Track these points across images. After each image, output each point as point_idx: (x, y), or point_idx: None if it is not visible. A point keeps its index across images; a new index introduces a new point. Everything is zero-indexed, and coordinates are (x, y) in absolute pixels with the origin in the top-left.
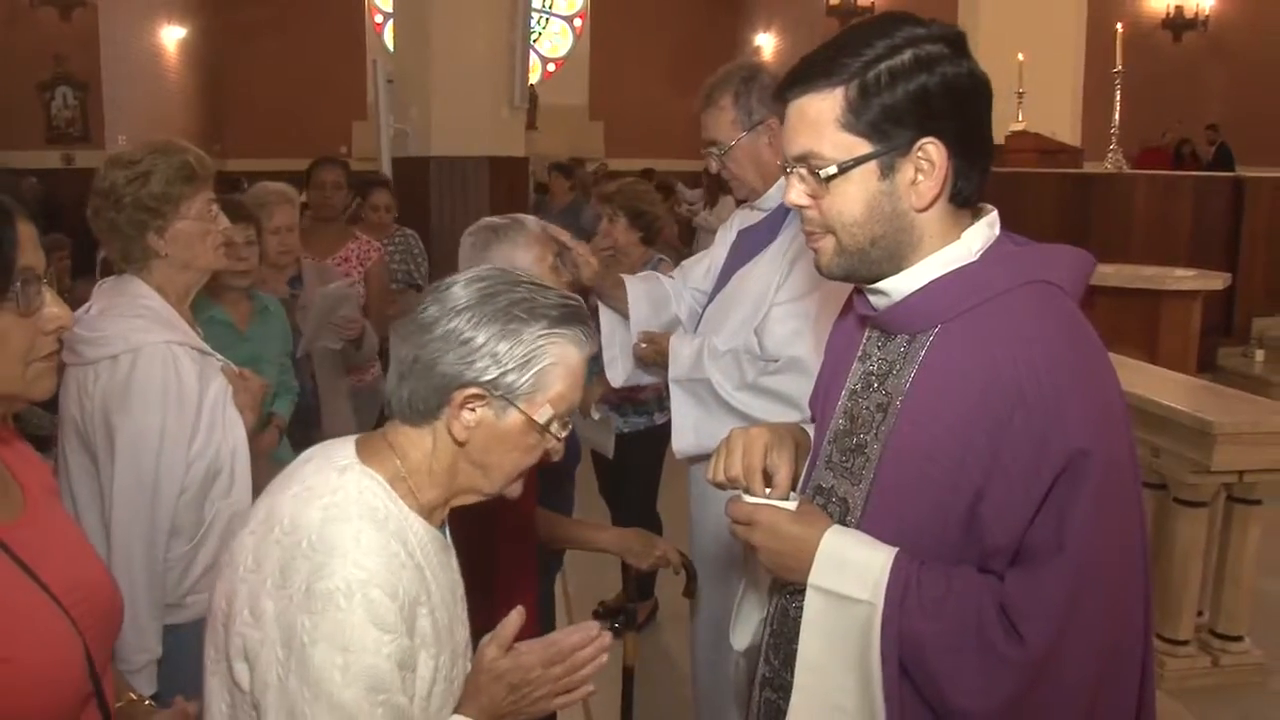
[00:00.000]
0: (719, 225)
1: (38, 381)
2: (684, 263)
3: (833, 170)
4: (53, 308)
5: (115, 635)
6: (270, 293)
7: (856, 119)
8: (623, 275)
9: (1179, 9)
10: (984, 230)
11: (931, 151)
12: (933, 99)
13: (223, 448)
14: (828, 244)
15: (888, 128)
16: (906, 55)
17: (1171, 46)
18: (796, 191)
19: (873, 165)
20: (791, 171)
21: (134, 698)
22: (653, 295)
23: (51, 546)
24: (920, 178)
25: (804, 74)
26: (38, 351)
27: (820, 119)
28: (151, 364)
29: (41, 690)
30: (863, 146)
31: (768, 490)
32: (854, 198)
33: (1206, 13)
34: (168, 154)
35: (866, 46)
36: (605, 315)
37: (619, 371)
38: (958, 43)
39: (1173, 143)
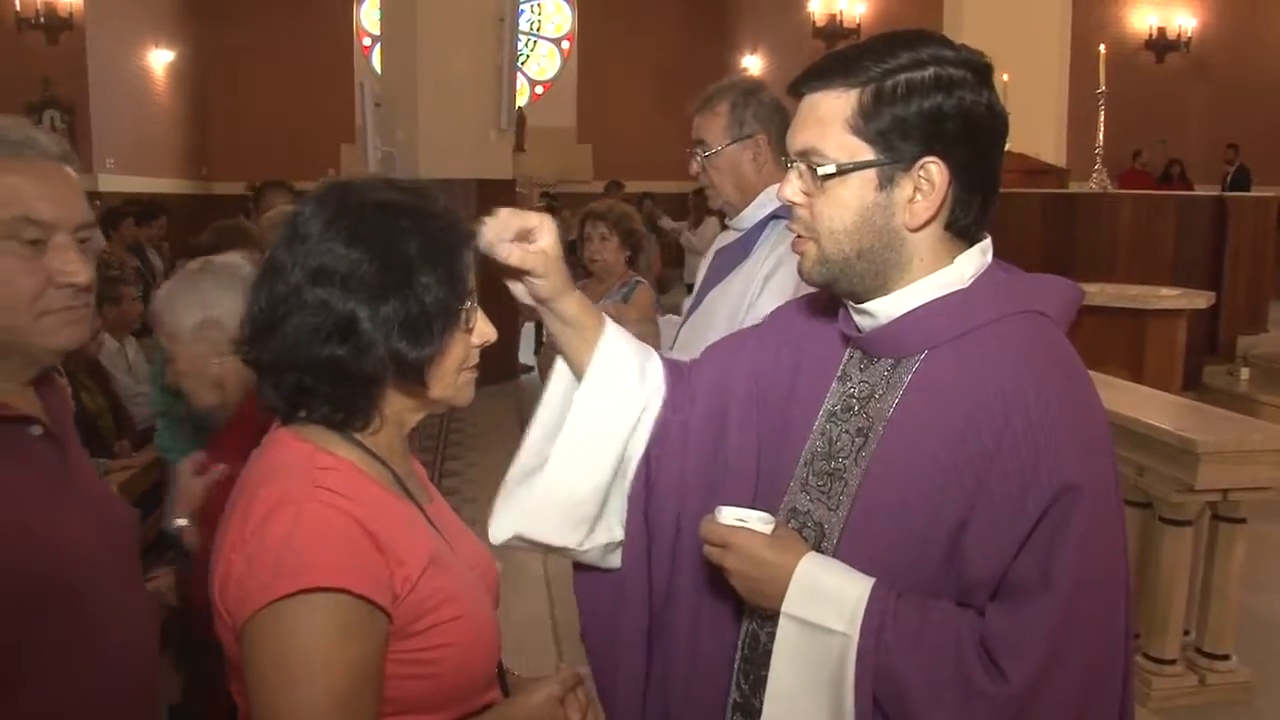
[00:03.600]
0: (701, 246)
1: (464, 389)
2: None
3: (830, 169)
4: (482, 325)
5: (497, 605)
6: None
7: (865, 124)
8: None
9: (1161, 30)
10: (977, 256)
11: (933, 172)
12: (945, 121)
13: None
14: (810, 249)
15: (895, 140)
16: (928, 72)
17: (1154, 67)
18: (792, 187)
19: (871, 174)
20: (792, 166)
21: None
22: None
23: (450, 526)
24: (919, 197)
25: (823, 70)
26: (468, 362)
27: (829, 117)
28: None
29: (482, 644)
30: (866, 152)
31: (740, 514)
32: (847, 204)
33: (1189, 34)
34: None
35: (891, 56)
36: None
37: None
38: (983, 73)
39: (1151, 165)
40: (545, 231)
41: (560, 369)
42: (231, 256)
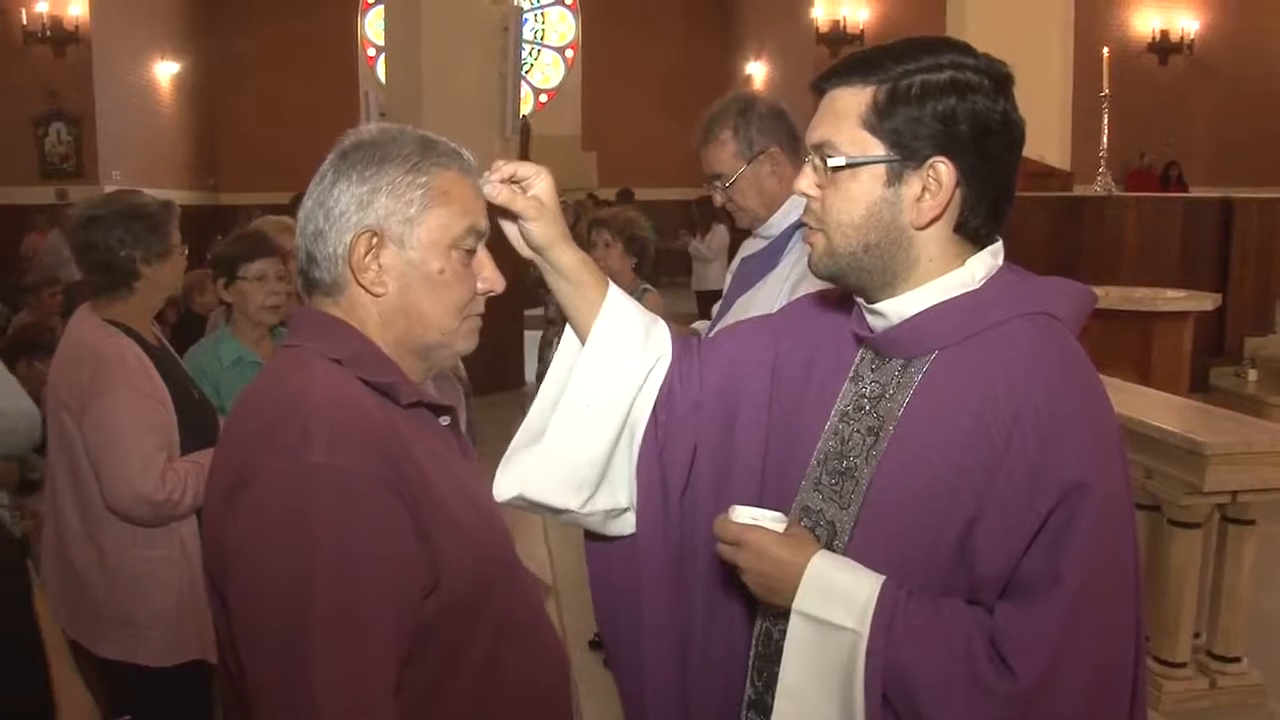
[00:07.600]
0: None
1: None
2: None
3: (840, 162)
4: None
5: None
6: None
7: (879, 121)
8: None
9: (1164, 33)
10: (987, 259)
11: (942, 172)
12: (957, 123)
13: None
14: (820, 241)
15: (906, 138)
16: (945, 75)
17: (1158, 70)
18: (806, 180)
19: (881, 170)
20: (809, 159)
21: None
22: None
23: None
24: (926, 196)
25: (844, 67)
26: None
27: (845, 112)
28: None
29: None
30: (877, 148)
31: (753, 513)
32: (855, 197)
33: (1192, 36)
34: None
35: (911, 58)
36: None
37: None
38: (1001, 82)
39: (1156, 164)
40: (540, 179)
41: (567, 336)
42: None
